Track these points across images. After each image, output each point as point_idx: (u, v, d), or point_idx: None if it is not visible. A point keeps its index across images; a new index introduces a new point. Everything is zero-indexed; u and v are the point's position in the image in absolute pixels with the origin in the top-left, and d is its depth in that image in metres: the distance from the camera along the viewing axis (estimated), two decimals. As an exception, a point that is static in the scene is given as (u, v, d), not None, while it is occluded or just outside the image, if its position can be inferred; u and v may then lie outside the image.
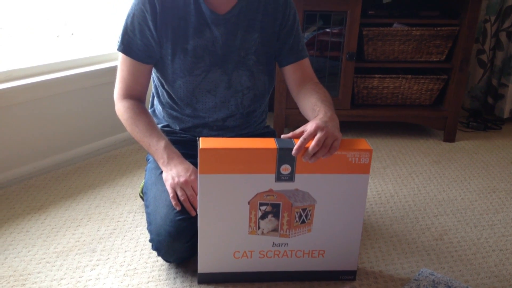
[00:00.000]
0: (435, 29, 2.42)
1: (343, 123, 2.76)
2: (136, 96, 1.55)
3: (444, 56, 2.51)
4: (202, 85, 1.54)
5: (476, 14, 2.39)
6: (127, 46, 1.49)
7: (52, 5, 2.18)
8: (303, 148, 1.26)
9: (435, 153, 2.48)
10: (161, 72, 1.55)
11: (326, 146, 1.26)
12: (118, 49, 1.51)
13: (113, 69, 2.23)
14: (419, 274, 1.51)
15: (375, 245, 1.70)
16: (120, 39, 1.50)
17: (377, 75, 2.51)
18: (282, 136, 1.33)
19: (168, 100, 1.60)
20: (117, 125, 2.29)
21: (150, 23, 1.46)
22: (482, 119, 2.89)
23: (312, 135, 1.27)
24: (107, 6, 2.38)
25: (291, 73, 1.60)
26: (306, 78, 1.59)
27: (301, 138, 1.27)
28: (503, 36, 2.81)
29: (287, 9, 1.56)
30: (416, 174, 2.23)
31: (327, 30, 2.45)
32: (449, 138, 2.62)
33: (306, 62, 1.61)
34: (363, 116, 2.57)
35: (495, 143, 2.62)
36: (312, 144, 1.25)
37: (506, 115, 2.86)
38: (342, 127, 2.76)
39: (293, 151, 1.26)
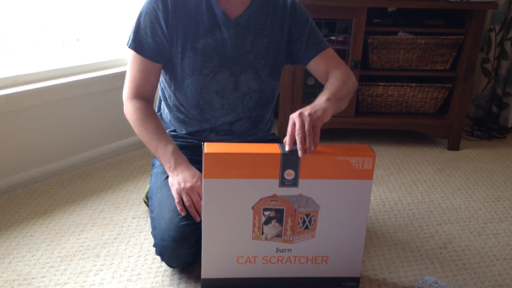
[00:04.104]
0: (440, 37, 2.43)
1: (347, 130, 2.78)
2: (145, 96, 1.55)
3: (448, 65, 2.52)
4: (210, 85, 1.55)
5: (481, 23, 2.39)
6: (138, 44, 1.51)
7: (57, 11, 2.19)
8: (292, 143, 1.27)
9: (439, 161, 2.48)
10: (170, 72, 1.57)
11: (308, 132, 1.25)
12: (129, 47, 1.52)
13: (118, 75, 2.26)
14: (422, 282, 1.51)
15: (379, 252, 1.69)
16: (131, 36, 1.51)
17: (381, 83, 2.52)
18: (284, 141, 1.33)
19: (176, 102, 1.61)
20: (122, 130, 2.32)
21: (162, 21, 1.48)
22: (486, 128, 2.89)
23: (293, 128, 1.27)
24: (112, 12, 2.39)
25: (314, 68, 1.61)
26: (329, 68, 1.57)
27: (286, 137, 1.28)
28: (507, 45, 2.81)
29: (294, 11, 1.58)
30: (420, 182, 2.23)
31: (332, 38, 2.46)
32: (454, 146, 2.61)
33: (327, 53, 1.60)
34: (368, 123, 2.57)
35: (499, 152, 2.62)
36: (296, 136, 1.25)
37: (510, 124, 2.86)
38: (347, 135, 2.77)
39: (286, 147, 1.27)
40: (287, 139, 1.28)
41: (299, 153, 1.25)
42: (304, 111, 1.28)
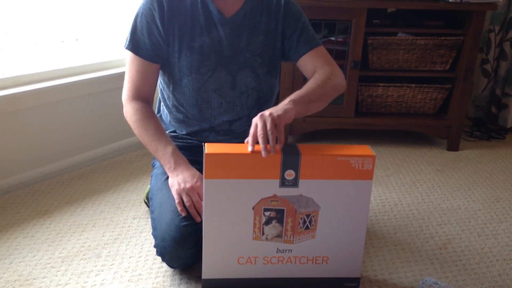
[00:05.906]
0: (439, 38, 2.43)
1: (347, 131, 2.78)
2: (144, 97, 1.56)
3: (448, 66, 2.52)
4: (208, 84, 1.55)
5: (481, 24, 2.40)
6: (135, 45, 1.51)
7: (56, 11, 2.20)
8: (254, 143, 1.28)
9: (438, 162, 2.48)
10: (168, 72, 1.57)
11: (270, 131, 1.26)
12: (127, 48, 1.53)
13: (118, 76, 2.27)
14: (423, 283, 1.51)
15: (379, 253, 1.70)
16: (128, 38, 1.52)
17: (381, 84, 2.52)
18: (246, 141, 1.32)
19: (175, 102, 1.62)
20: (122, 130, 2.32)
21: (158, 21, 1.49)
22: (485, 129, 2.90)
23: (255, 129, 1.29)
24: (111, 12, 2.40)
25: (303, 66, 1.61)
26: (316, 67, 1.57)
27: (248, 138, 1.29)
28: (507, 46, 2.82)
29: (288, 8, 1.58)
30: (420, 183, 2.24)
31: (332, 38, 2.47)
32: (453, 147, 2.62)
33: (317, 51, 1.60)
34: (367, 124, 2.58)
35: (498, 152, 2.62)
36: (258, 137, 1.26)
37: (509, 124, 2.87)
38: (347, 135, 2.77)
39: (249, 148, 1.28)
40: (249, 140, 1.29)
41: (262, 153, 1.25)
42: (264, 112, 1.30)
